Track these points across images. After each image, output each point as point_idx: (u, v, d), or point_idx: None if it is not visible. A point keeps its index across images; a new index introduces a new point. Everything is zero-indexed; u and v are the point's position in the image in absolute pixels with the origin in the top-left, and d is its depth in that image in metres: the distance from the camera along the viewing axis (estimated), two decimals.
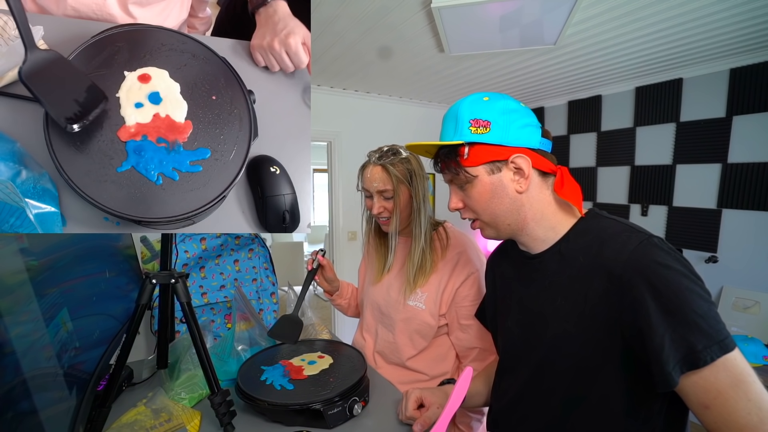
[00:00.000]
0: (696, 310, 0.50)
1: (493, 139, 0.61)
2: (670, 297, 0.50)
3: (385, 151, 0.92)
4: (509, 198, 0.62)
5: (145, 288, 0.71)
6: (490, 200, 0.63)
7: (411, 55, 2.03)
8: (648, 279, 0.52)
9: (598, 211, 0.64)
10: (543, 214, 0.63)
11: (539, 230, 0.64)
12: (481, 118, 0.61)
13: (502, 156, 0.61)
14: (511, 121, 0.61)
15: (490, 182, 0.62)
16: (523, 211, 0.63)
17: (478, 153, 0.61)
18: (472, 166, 0.62)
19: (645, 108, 2.44)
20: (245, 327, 0.99)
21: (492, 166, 0.62)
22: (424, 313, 0.93)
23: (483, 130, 0.61)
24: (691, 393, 0.50)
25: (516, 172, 0.62)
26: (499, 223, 0.64)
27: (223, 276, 1.24)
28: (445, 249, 0.95)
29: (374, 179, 0.90)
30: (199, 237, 1.19)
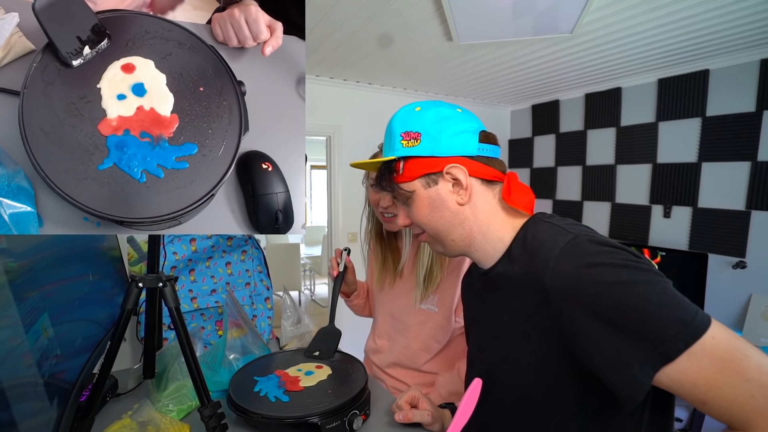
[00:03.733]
0: (647, 299, 0.45)
1: (425, 151, 0.61)
2: (605, 303, 0.47)
3: None
4: (450, 211, 0.62)
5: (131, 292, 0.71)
6: (430, 215, 0.63)
7: (416, 44, 2.02)
8: (576, 290, 0.49)
9: (542, 214, 0.63)
10: (489, 225, 0.63)
11: (487, 244, 0.63)
12: (411, 130, 0.61)
13: (435, 168, 0.61)
14: (443, 129, 0.61)
15: (428, 196, 0.62)
16: (467, 224, 0.63)
17: (413, 167, 0.62)
18: (407, 181, 0.63)
19: (668, 101, 2.42)
20: (238, 334, 0.99)
21: (427, 179, 0.62)
22: (437, 316, 0.94)
23: (414, 142, 0.61)
24: (679, 390, 0.46)
25: (454, 183, 0.62)
26: (443, 238, 0.64)
27: (214, 280, 1.24)
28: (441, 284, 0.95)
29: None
30: (188, 238, 1.19)
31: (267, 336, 1.33)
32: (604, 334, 0.47)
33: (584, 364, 0.51)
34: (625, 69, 2.38)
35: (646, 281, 0.47)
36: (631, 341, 0.46)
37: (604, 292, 0.47)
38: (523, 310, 0.57)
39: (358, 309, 1.18)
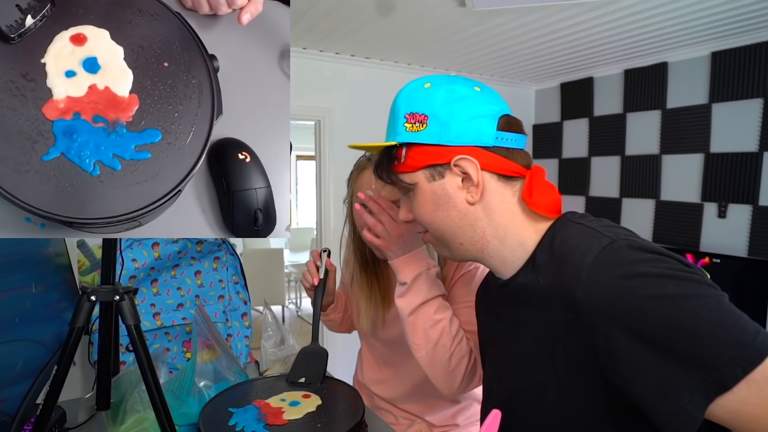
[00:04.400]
0: (698, 316, 0.45)
1: (431, 138, 0.61)
2: (648, 321, 0.47)
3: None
4: (457, 210, 0.62)
5: (81, 307, 0.71)
6: (433, 213, 0.63)
7: (423, 11, 2.02)
8: (613, 305, 0.49)
9: (573, 214, 0.62)
10: (507, 228, 0.62)
11: (506, 250, 0.63)
12: (417, 112, 0.61)
13: (442, 158, 0.61)
14: (455, 112, 0.60)
15: (431, 191, 0.63)
16: (479, 226, 0.63)
17: (416, 156, 0.62)
18: (409, 171, 0.63)
19: (724, 79, 2.42)
20: (209, 357, 0.99)
21: (432, 172, 0.62)
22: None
23: (419, 126, 0.61)
24: (736, 425, 0.45)
25: (464, 178, 0.61)
26: (449, 241, 0.65)
27: (181, 292, 1.24)
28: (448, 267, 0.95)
29: (379, 188, 0.89)
30: (150, 242, 1.19)
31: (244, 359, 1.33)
32: (647, 359, 0.47)
33: (623, 394, 0.50)
34: (672, 40, 2.38)
35: (697, 295, 0.47)
36: (680, 367, 0.46)
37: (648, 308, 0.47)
38: (550, 329, 0.57)
39: (334, 325, 1.18)
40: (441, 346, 0.81)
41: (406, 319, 0.82)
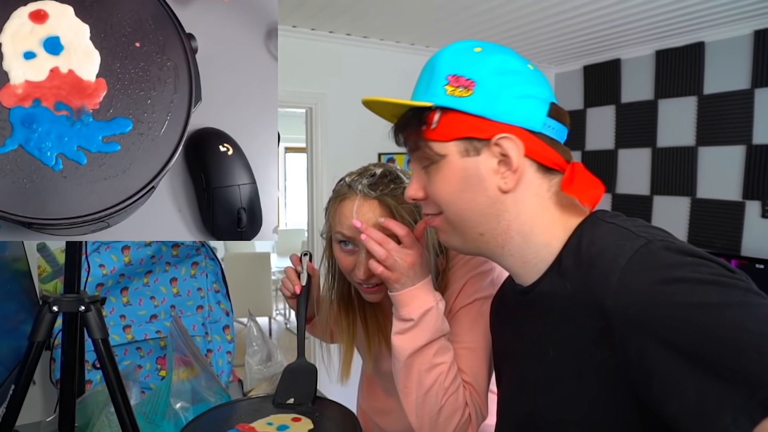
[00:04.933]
0: (744, 328, 0.45)
1: (475, 107, 0.60)
2: (687, 332, 0.47)
3: (378, 177, 0.88)
4: (486, 196, 0.62)
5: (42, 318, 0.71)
6: (458, 193, 0.63)
7: None
8: (648, 314, 0.49)
9: (603, 213, 0.62)
10: (534, 226, 0.62)
11: (529, 249, 0.63)
12: (463, 75, 0.61)
13: (483, 133, 0.60)
14: (506, 85, 0.60)
15: (462, 168, 0.62)
16: (505, 218, 0.62)
17: (452, 123, 0.61)
18: (441, 140, 0.62)
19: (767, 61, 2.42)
20: (186, 375, 0.99)
21: (467, 145, 0.61)
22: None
23: (463, 92, 0.60)
24: None
25: (501, 160, 0.61)
26: (466, 229, 0.64)
27: (154, 301, 1.24)
28: (446, 280, 0.93)
29: (365, 220, 0.84)
30: (120, 246, 1.19)
31: (226, 378, 1.33)
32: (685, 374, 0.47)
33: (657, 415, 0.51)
34: (709, 17, 2.38)
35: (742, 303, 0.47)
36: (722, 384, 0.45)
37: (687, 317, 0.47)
38: (575, 342, 0.57)
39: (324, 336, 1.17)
40: (433, 395, 0.79)
41: (404, 360, 0.80)
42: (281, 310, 5.52)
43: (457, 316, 0.89)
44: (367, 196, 0.85)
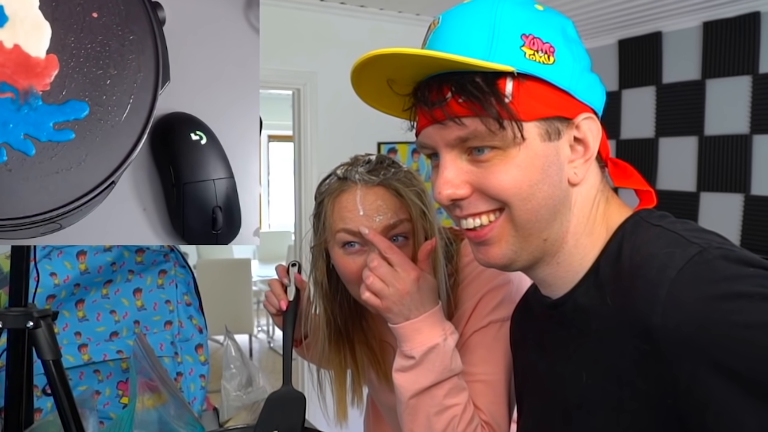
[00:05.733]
0: None
1: (561, 78, 0.59)
2: (748, 356, 0.47)
3: (375, 162, 0.89)
4: (560, 190, 0.60)
5: None
6: (538, 185, 0.59)
7: None
8: (703, 334, 0.49)
9: (648, 213, 0.62)
10: (586, 227, 0.63)
11: (575, 255, 0.63)
12: (540, 37, 0.58)
13: (568, 111, 0.59)
14: (577, 56, 0.60)
15: (544, 155, 0.59)
16: (566, 218, 0.62)
17: (534, 97, 0.58)
18: (522, 119, 0.58)
19: None
20: (152, 403, 0.99)
21: (549, 126, 0.59)
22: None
23: (545, 57, 0.58)
24: None
25: (574, 144, 0.61)
26: (534, 233, 0.61)
27: (115, 316, 1.24)
28: (456, 297, 0.93)
29: (373, 210, 0.84)
30: (75, 251, 1.19)
31: (199, 405, 1.33)
32: (744, 406, 0.47)
33: None
34: None
35: None
36: None
37: (748, 339, 0.47)
38: (614, 366, 0.57)
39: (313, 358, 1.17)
40: None
41: (406, 401, 0.80)
42: (263, 327, 5.52)
43: (470, 342, 0.88)
44: (369, 183, 0.85)
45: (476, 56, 0.57)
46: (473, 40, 0.58)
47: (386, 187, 0.85)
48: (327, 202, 0.88)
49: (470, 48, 0.58)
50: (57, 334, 0.74)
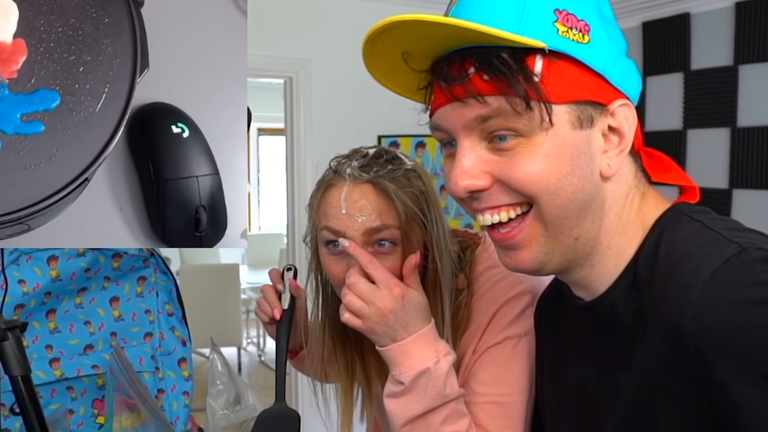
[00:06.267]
0: None
1: (596, 60, 0.58)
2: None
3: (372, 156, 0.87)
4: (592, 183, 0.60)
5: None
6: (567, 177, 0.58)
7: None
8: (736, 339, 0.50)
9: (688, 207, 0.63)
10: (619, 224, 0.63)
11: (609, 255, 0.63)
12: (575, 14, 0.58)
13: (603, 96, 0.59)
14: (614, 38, 0.60)
15: (573, 143, 0.58)
16: (598, 215, 0.62)
17: (566, 78, 0.57)
18: (552, 101, 0.57)
19: None
20: (131, 423, 0.99)
21: (581, 112, 0.58)
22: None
23: (579, 36, 0.57)
24: None
25: (608, 133, 0.61)
26: (564, 231, 0.61)
27: (90, 328, 1.24)
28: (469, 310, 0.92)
29: (356, 209, 0.83)
30: (45, 256, 1.19)
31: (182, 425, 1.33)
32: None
33: None
34: None
35: None
36: None
37: None
38: (649, 370, 0.58)
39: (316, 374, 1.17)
40: None
41: (399, 429, 0.81)
42: (253, 339, 5.53)
43: (484, 359, 0.88)
44: (358, 180, 0.84)
45: (498, 24, 0.56)
46: (502, 12, 0.57)
47: (375, 186, 0.84)
48: (316, 195, 0.89)
49: (498, 20, 0.57)
50: (26, 348, 0.74)
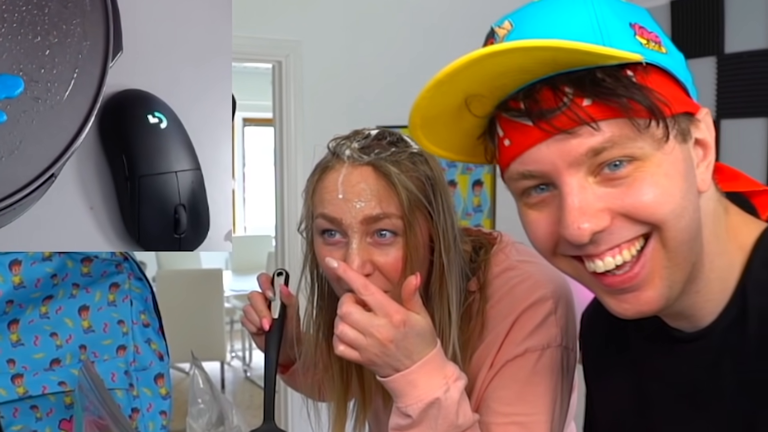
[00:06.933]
0: None
1: (679, 70, 0.60)
2: None
3: (374, 137, 0.88)
4: (696, 200, 0.60)
5: None
6: (686, 196, 0.58)
7: None
8: None
9: None
10: (717, 243, 0.63)
11: (713, 279, 0.63)
12: (646, 27, 0.60)
13: (691, 106, 0.61)
14: (675, 49, 0.62)
15: (683, 159, 0.59)
16: (702, 233, 0.62)
17: (663, 92, 0.58)
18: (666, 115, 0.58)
19: None
20: None
21: (680, 126, 0.59)
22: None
23: (657, 47, 0.59)
24: None
25: (695, 146, 0.61)
26: (686, 257, 0.60)
27: (56, 340, 1.23)
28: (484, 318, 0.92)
29: (355, 194, 0.84)
30: (7, 261, 1.19)
31: None
32: None
33: None
34: None
35: None
36: None
37: None
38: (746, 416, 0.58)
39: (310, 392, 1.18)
40: None
41: None
42: (238, 352, 5.53)
43: (503, 374, 0.88)
44: (357, 162, 0.85)
45: (580, 37, 0.56)
46: (577, 29, 0.57)
47: (375, 169, 0.84)
48: (312, 179, 0.89)
49: (578, 38, 0.56)
50: None
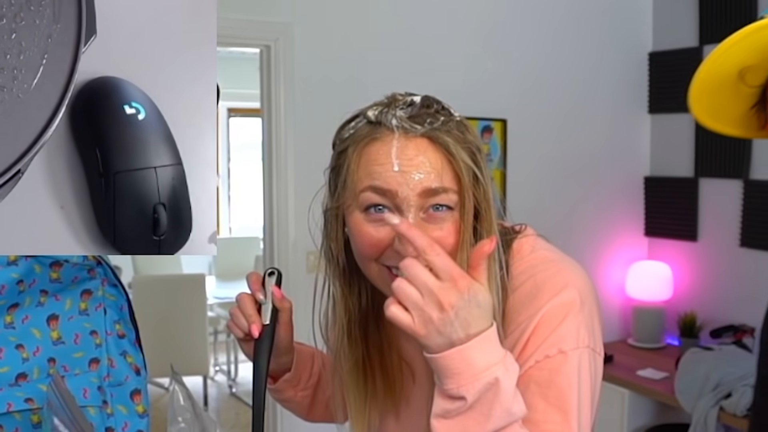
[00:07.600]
0: None
1: None
2: None
3: (420, 105, 0.87)
4: None
5: None
6: None
7: None
8: None
9: None
10: None
11: None
12: None
13: None
14: None
15: None
16: None
17: None
18: None
19: None
20: None
21: None
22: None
23: None
24: None
25: None
26: None
27: (22, 352, 1.23)
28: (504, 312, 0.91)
29: (413, 166, 0.83)
30: None
31: None
32: None
33: None
34: None
35: None
36: None
37: None
38: None
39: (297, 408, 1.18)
40: None
41: None
42: (223, 366, 5.52)
43: (531, 376, 0.87)
44: (411, 133, 0.84)
45: None
46: None
47: (432, 141, 0.84)
48: (351, 152, 0.87)
49: None
50: None
